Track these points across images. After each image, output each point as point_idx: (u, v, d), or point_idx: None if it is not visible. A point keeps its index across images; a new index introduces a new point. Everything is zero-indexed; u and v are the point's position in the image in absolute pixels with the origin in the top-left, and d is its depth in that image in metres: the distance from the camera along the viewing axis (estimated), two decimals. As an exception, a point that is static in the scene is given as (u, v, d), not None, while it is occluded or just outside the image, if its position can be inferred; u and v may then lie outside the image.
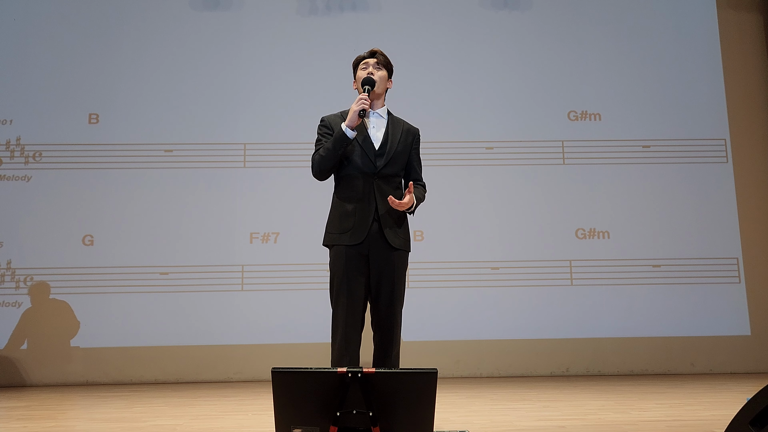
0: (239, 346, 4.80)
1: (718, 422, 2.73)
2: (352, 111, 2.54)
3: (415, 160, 2.74)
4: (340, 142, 2.54)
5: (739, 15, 5.45)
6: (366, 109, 2.53)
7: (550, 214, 5.09)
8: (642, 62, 5.31)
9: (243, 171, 5.05)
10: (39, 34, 5.12)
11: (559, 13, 5.37)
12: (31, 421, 3.08)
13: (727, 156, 5.22)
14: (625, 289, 5.00)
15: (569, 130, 5.22)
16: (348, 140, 2.55)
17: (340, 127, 2.56)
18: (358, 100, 2.53)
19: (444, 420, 2.89)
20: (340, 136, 2.54)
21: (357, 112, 2.52)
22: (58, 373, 4.70)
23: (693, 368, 4.92)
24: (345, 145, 2.55)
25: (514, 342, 4.90)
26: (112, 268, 4.84)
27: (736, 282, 5.04)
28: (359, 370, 1.82)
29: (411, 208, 2.62)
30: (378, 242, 2.55)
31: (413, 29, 5.28)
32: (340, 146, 2.55)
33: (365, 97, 2.55)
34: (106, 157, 4.99)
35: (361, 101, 2.53)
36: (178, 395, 4.02)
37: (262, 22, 5.25)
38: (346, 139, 2.54)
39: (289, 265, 4.90)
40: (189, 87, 5.12)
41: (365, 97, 2.55)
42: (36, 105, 5.03)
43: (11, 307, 4.77)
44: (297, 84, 5.17)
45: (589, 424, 2.78)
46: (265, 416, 3.10)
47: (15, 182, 4.93)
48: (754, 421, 1.46)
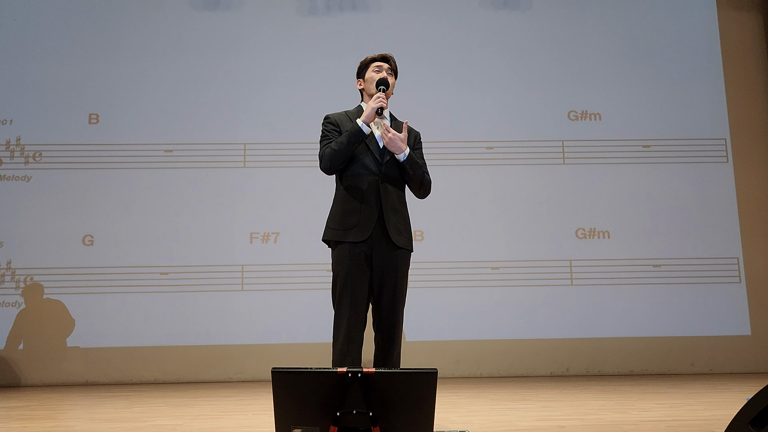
0: (239, 346, 4.80)
1: (718, 422, 2.72)
2: (370, 108, 2.56)
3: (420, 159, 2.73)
4: (356, 137, 2.55)
5: (739, 15, 5.44)
6: (384, 107, 2.56)
7: (550, 214, 5.09)
8: (642, 62, 5.31)
9: (243, 171, 5.05)
10: (39, 34, 5.12)
11: (559, 14, 5.36)
12: (31, 421, 3.08)
13: (727, 156, 5.22)
14: (625, 289, 4.99)
15: (569, 130, 5.22)
16: (364, 135, 2.56)
17: (356, 122, 2.58)
18: (376, 98, 2.56)
19: (444, 420, 2.88)
20: (356, 131, 2.56)
21: (375, 110, 2.54)
22: (58, 373, 4.70)
23: (693, 368, 4.92)
24: (361, 140, 2.57)
25: (514, 342, 4.90)
26: (112, 268, 4.84)
27: (737, 282, 5.04)
28: (359, 370, 1.82)
29: (405, 154, 2.57)
30: (381, 241, 2.55)
31: (413, 29, 5.28)
32: (356, 141, 2.56)
33: (383, 96, 2.58)
34: (106, 157, 4.99)
35: (379, 99, 2.56)
36: (178, 395, 4.01)
37: (262, 22, 5.25)
38: (362, 134, 2.56)
39: (289, 265, 4.90)
40: (189, 87, 5.12)
41: (383, 96, 2.58)
42: (36, 105, 5.03)
43: (11, 307, 4.77)
44: (297, 84, 5.17)
45: (589, 424, 2.78)
46: (265, 416, 3.09)
47: (15, 182, 4.94)
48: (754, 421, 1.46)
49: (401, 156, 2.58)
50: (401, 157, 2.59)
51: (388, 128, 2.56)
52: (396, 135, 2.55)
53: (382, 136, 2.57)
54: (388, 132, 2.55)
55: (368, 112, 2.55)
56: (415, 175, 2.62)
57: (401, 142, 2.56)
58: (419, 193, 2.71)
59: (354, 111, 2.72)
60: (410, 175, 2.62)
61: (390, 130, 2.55)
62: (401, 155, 2.58)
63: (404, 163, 2.59)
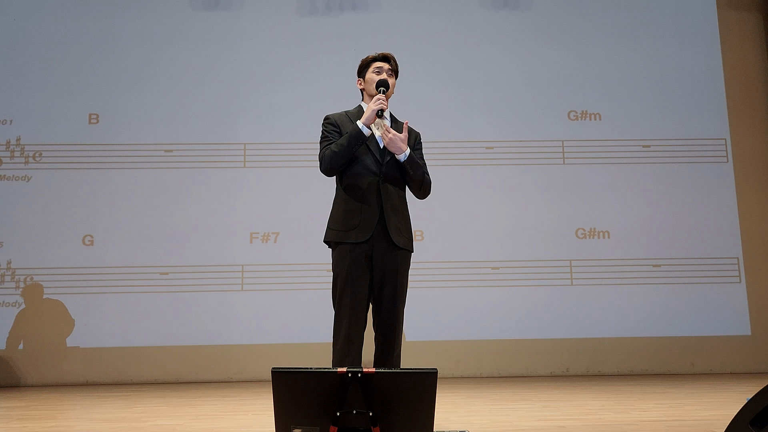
0: (239, 346, 4.80)
1: (718, 422, 2.72)
2: (370, 110, 2.55)
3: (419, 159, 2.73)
4: (356, 139, 2.55)
5: (739, 15, 5.44)
6: (384, 109, 2.55)
7: (550, 214, 5.08)
8: (642, 62, 5.31)
9: (243, 171, 5.05)
10: (39, 34, 5.12)
11: (559, 13, 5.36)
12: (31, 421, 3.08)
13: (727, 156, 5.22)
14: (625, 289, 4.99)
15: (569, 130, 5.22)
16: (365, 138, 2.56)
17: (356, 124, 2.57)
18: (377, 100, 2.55)
19: (444, 420, 2.88)
20: (356, 133, 2.55)
21: (375, 111, 2.53)
22: (58, 373, 4.70)
23: (693, 368, 4.92)
24: (361, 142, 2.56)
25: (514, 342, 4.90)
26: (112, 268, 4.84)
27: (737, 282, 5.04)
28: (359, 370, 1.82)
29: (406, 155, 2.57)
30: (382, 241, 2.54)
31: (413, 29, 5.28)
32: (356, 143, 2.55)
33: (383, 97, 2.57)
34: (106, 157, 4.99)
35: (379, 101, 2.55)
36: (178, 395, 4.01)
37: (262, 22, 5.25)
38: (362, 136, 2.55)
39: (289, 265, 4.90)
40: (189, 87, 5.12)
41: (383, 97, 2.57)
42: (36, 105, 5.03)
43: (11, 307, 4.77)
44: (297, 84, 5.17)
45: (589, 424, 2.78)
46: (265, 416, 3.09)
47: (15, 182, 4.93)
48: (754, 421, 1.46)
49: (402, 156, 2.58)
50: (402, 158, 2.58)
51: (388, 129, 2.56)
52: (396, 135, 2.55)
53: (383, 136, 2.57)
54: (389, 132, 2.55)
55: (368, 114, 2.54)
56: (415, 175, 2.62)
57: (401, 142, 2.56)
58: (419, 193, 2.71)
59: (354, 111, 2.71)
60: (410, 175, 2.62)
61: (390, 130, 2.55)
62: (401, 156, 2.58)
63: (405, 163, 2.59)
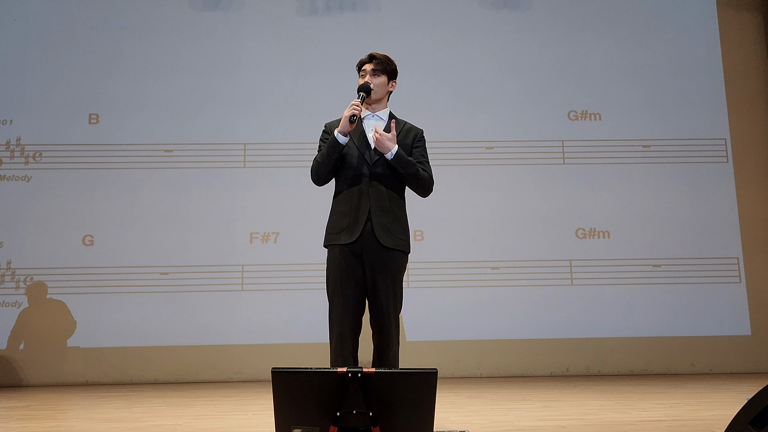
0: (239, 346, 4.80)
1: (718, 422, 2.73)
2: (343, 117, 2.57)
3: (419, 158, 2.72)
4: (333, 147, 2.59)
5: (739, 15, 5.44)
6: (356, 114, 2.55)
7: (550, 214, 5.08)
8: (642, 62, 5.31)
9: (243, 171, 5.05)
10: (39, 34, 5.12)
11: (559, 13, 5.36)
12: (31, 421, 3.08)
13: (727, 156, 5.22)
14: (625, 289, 4.99)
15: (569, 130, 5.22)
16: (340, 146, 2.59)
17: (333, 133, 2.60)
18: (350, 106, 2.56)
19: (444, 420, 2.88)
20: (333, 142, 2.59)
21: (348, 118, 2.54)
22: (58, 373, 4.70)
23: (693, 368, 4.92)
24: (338, 150, 2.59)
25: (514, 342, 4.90)
26: (112, 268, 4.84)
27: (737, 282, 5.04)
28: (359, 370, 1.82)
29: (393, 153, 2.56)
30: (371, 242, 2.55)
31: (413, 29, 5.28)
32: (334, 152, 2.59)
33: (357, 102, 2.57)
34: (106, 157, 4.99)
35: (352, 107, 2.55)
36: (178, 395, 4.02)
37: (262, 22, 5.25)
38: (338, 144, 2.59)
39: (289, 265, 4.90)
40: (189, 87, 5.12)
41: (357, 102, 2.57)
42: (36, 105, 5.02)
43: (11, 307, 4.77)
44: (297, 84, 5.17)
45: (589, 424, 2.78)
46: (265, 416, 3.10)
47: (15, 182, 4.93)
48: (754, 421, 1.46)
49: (389, 155, 2.59)
50: (389, 156, 2.59)
51: (377, 129, 2.57)
52: (383, 135, 2.56)
53: (372, 136, 2.58)
54: (377, 133, 2.56)
55: (342, 122, 2.57)
56: (406, 173, 2.62)
57: (389, 141, 2.57)
58: (418, 191, 2.70)
59: None
60: (402, 173, 2.62)
61: (378, 130, 2.56)
62: (389, 154, 2.59)
63: (393, 161, 2.60)
